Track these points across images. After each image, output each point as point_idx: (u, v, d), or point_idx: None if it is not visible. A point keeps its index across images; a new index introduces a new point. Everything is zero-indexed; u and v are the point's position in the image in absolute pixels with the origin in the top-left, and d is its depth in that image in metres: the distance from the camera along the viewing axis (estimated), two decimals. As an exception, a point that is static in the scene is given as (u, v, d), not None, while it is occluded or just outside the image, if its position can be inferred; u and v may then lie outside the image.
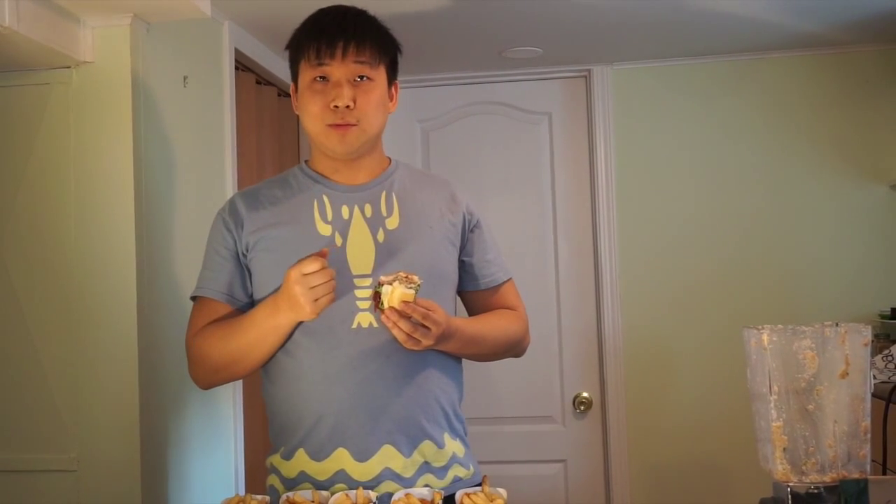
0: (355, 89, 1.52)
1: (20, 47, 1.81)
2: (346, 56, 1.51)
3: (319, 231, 1.55)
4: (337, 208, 1.57)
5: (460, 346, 1.56)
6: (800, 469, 1.28)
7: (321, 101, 1.52)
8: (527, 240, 3.31)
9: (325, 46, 1.51)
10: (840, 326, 1.29)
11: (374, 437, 1.51)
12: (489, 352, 1.66)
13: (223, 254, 1.59)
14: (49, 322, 1.98)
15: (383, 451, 1.51)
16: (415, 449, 1.53)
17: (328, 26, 1.53)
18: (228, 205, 1.63)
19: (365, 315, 1.52)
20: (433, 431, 1.56)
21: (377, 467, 1.50)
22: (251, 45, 2.67)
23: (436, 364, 1.58)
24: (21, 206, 2.00)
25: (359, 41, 1.52)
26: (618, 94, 3.27)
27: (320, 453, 1.52)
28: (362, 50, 1.52)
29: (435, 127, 3.39)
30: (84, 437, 1.96)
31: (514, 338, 1.71)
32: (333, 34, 1.52)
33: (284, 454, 1.56)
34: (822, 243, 3.16)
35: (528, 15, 2.64)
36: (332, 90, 1.51)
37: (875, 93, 3.15)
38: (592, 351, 3.28)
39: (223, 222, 1.60)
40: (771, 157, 3.20)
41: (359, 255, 1.54)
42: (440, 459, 1.56)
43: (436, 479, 1.55)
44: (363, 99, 1.53)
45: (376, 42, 1.55)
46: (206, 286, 1.59)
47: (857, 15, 2.75)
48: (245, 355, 1.52)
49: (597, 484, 3.27)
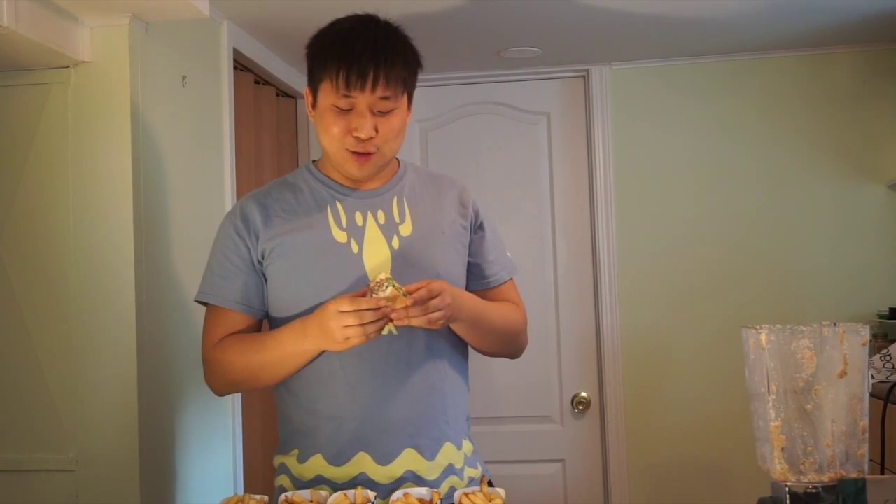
0: (378, 118, 1.48)
1: (19, 47, 1.81)
2: (376, 89, 1.46)
3: (335, 238, 1.54)
4: (350, 214, 1.56)
5: (471, 321, 1.55)
6: (798, 469, 1.28)
7: (343, 125, 1.48)
8: (525, 239, 3.31)
9: (355, 77, 1.44)
10: (838, 326, 1.29)
11: (397, 441, 1.51)
12: (493, 337, 1.64)
13: (236, 262, 1.56)
14: (48, 322, 1.98)
15: (405, 455, 1.51)
16: (438, 452, 1.54)
17: (360, 52, 1.45)
18: (240, 211, 1.59)
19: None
20: (453, 434, 1.58)
21: (399, 470, 1.51)
22: (250, 45, 2.66)
23: (453, 368, 1.60)
24: (19, 206, 2.00)
25: (388, 72, 1.46)
26: (616, 94, 3.27)
27: (339, 458, 1.51)
28: (390, 83, 1.47)
29: (434, 127, 3.39)
30: (83, 437, 1.96)
31: (515, 327, 1.70)
32: (365, 63, 1.45)
33: (300, 457, 1.55)
34: (821, 243, 3.17)
35: (526, 15, 2.64)
36: (355, 119, 1.47)
37: (874, 93, 3.15)
38: (591, 351, 3.29)
39: (235, 229, 1.57)
40: (769, 156, 3.20)
41: (376, 263, 1.53)
42: (459, 460, 1.58)
43: (458, 480, 1.57)
44: (385, 127, 1.49)
45: (403, 72, 1.50)
46: (221, 295, 1.56)
47: (856, 15, 2.76)
48: (266, 373, 1.52)
49: (595, 483, 3.27)
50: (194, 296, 1.62)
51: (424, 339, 1.54)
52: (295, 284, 1.51)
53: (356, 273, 1.51)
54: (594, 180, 3.27)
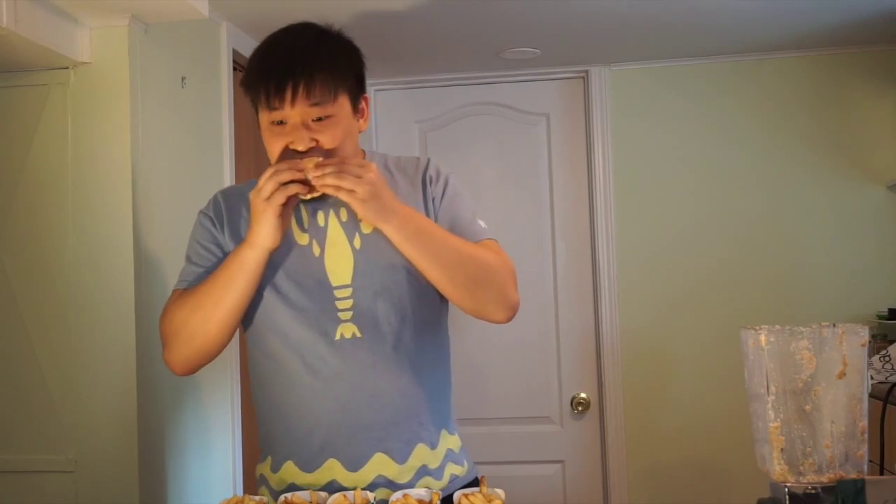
0: (314, 130, 1.43)
1: (18, 48, 1.81)
2: (297, 100, 1.41)
3: (297, 240, 1.50)
4: (312, 214, 1.52)
5: (412, 229, 1.42)
6: (797, 469, 1.28)
7: (282, 143, 1.44)
8: (524, 240, 3.31)
9: (274, 91, 1.41)
10: (837, 327, 1.29)
11: (366, 446, 1.49)
12: (456, 267, 1.46)
13: (211, 249, 1.54)
14: (47, 323, 1.98)
15: (375, 459, 1.49)
16: (409, 455, 1.52)
17: (276, 66, 1.43)
18: (212, 203, 1.58)
19: (347, 326, 1.48)
20: (425, 434, 1.54)
21: (370, 475, 1.49)
22: (249, 46, 2.66)
23: (427, 367, 1.55)
24: (19, 207, 2.00)
25: (308, 81, 1.41)
26: (616, 95, 3.27)
27: (310, 464, 1.50)
28: (313, 90, 1.41)
29: (433, 128, 3.39)
30: (82, 438, 1.96)
31: (486, 263, 1.49)
32: (281, 77, 1.41)
33: (273, 466, 1.54)
34: (820, 244, 3.17)
35: (526, 16, 2.64)
36: (290, 133, 1.43)
37: (872, 94, 3.16)
38: (590, 351, 3.29)
39: (208, 219, 1.56)
40: (768, 157, 3.20)
41: (337, 265, 1.49)
42: (435, 460, 1.55)
43: (434, 480, 1.54)
44: (325, 136, 1.43)
45: (330, 76, 1.43)
46: (194, 280, 1.52)
47: (855, 16, 2.76)
48: (215, 306, 1.44)
49: (594, 484, 3.27)
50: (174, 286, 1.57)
51: (391, 341, 1.50)
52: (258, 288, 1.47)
53: (317, 276, 1.48)
54: (593, 181, 3.27)
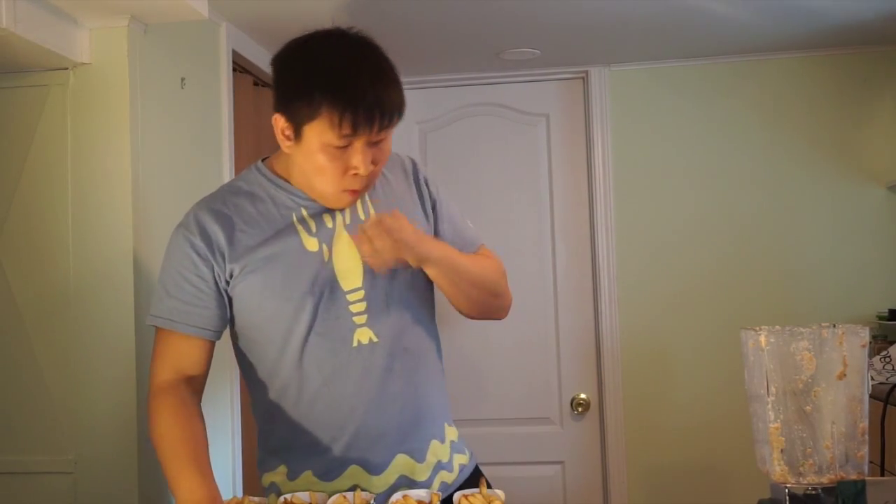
0: (373, 149, 1.41)
1: (17, 49, 1.81)
2: (382, 129, 1.39)
3: (307, 247, 1.47)
4: (318, 218, 1.50)
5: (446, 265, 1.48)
6: (797, 470, 1.28)
7: (340, 166, 1.40)
8: (524, 241, 3.31)
9: (362, 120, 1.35)
10: (838, 328, 1.29)
11: (388, 449, 1.50)
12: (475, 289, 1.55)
13: (197, 283, 1.46)
14: (47, 324, 1.98)
15: (398, 461, 1.50)
16: (427, 452, 1.54)
17: (363, 93, 1.35)
18: (197, 227, 1.47)
19: (363, 331, 1.48)
20: (436, 430, 1.57)
21: (392, 477, 1.50)
22: (249, 47, 2.66)
23: (431, 364, 1.58)
24: (18, 208, 2.00)
25: (392, 107, 1.38)
26: (615, 96, 3.27)
27: (331, 473, 1.50)
28: (393, 119, 1.40)
29: (433, 128, 3.39)
30: (81, 439, 1.96)
31: (493, 276, 1.59)
32: (370, 105, 1.35)
33: (290, 474, 1.53)
34: (820, 244, 3.17)
35: (525, 16, 2.64)
36: (353, 157, 1.39)
37: (872, 94, 3.15)
38: (590, 352, 3.28)
39: (193, 248, 1.46)
40: (768, 158, 3.20)
41: (347, 269, 1.48)
42: (445, 454, 1.57)
43: (447, 473, 1.56)
44: (380, 155, 1.43)
45: (402, 101, 1.41)
46: (179, 319, 1.47)
47: (854, 16, 2.76)
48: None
49: (595, 485, 3.27)
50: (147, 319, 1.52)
51: (403, 342, 1.51)
52: (264, 299, 1.45)
53: (329, 283, 1.47)
54: (593, 182, 3.27)
